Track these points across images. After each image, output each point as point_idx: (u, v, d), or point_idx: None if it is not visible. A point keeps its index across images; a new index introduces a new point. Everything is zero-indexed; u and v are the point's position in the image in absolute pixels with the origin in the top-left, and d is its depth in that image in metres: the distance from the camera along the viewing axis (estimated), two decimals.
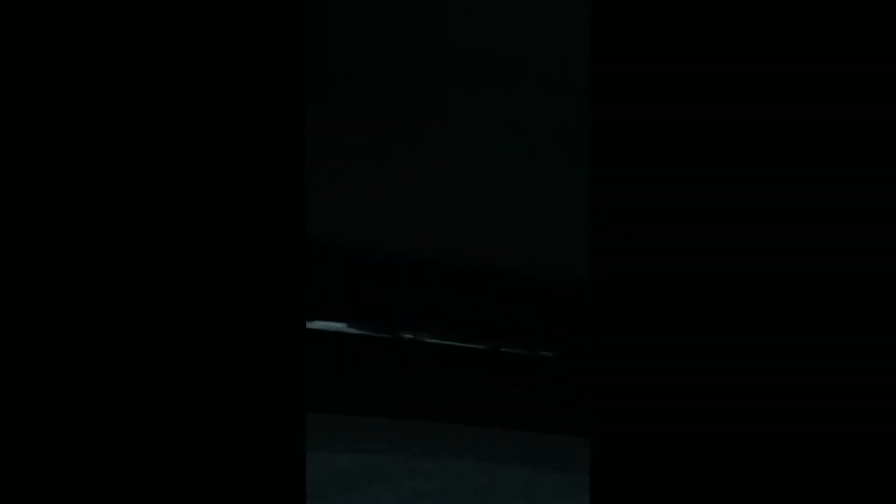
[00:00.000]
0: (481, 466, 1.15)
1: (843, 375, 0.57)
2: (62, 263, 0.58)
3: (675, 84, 0.57)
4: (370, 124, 1.05)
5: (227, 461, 0.58)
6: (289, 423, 0.59)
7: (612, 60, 0.57)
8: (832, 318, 0.57)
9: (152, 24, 0.58)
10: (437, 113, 1.07)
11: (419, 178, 1.10)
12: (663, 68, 0.57)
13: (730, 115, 0.57)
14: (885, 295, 0.57)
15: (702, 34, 0.57)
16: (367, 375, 1.50)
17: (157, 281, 0.58)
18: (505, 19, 1.03)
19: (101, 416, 0.57)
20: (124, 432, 0.57)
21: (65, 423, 0.58)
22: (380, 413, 1.34)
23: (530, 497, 1.08)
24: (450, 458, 1.17)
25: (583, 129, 0.62)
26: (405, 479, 1.09)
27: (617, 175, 0.58)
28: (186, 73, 0.59)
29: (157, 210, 0.58)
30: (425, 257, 1.24)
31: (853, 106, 0.57)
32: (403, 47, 1.05)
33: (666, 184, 0.57)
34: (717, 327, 0.57)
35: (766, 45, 0.57)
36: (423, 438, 1.24)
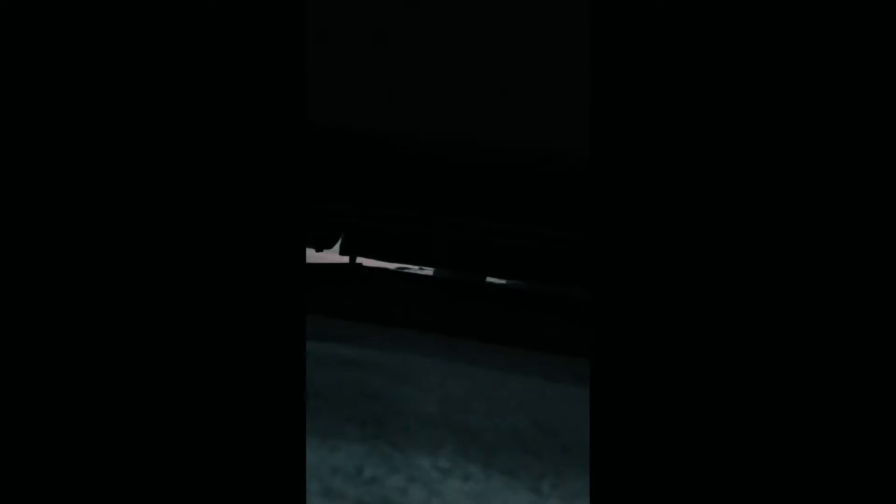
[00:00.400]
0: (501, 376, 1.23)
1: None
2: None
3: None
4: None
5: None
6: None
7: None
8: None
9: None
10: None
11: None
12: None
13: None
14: (884, 295, 0.56)
15: None
16: (434, 304, 1.78)
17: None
18: None
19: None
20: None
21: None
22: (431, 330, 1.60)
23: (528, 400, 1.13)
24: (476, 367, 1.28)
25: None
26: (427, 375, 1.19)
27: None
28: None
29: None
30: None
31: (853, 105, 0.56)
32: None
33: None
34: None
35: None
36: (465, 353, 1.40)
